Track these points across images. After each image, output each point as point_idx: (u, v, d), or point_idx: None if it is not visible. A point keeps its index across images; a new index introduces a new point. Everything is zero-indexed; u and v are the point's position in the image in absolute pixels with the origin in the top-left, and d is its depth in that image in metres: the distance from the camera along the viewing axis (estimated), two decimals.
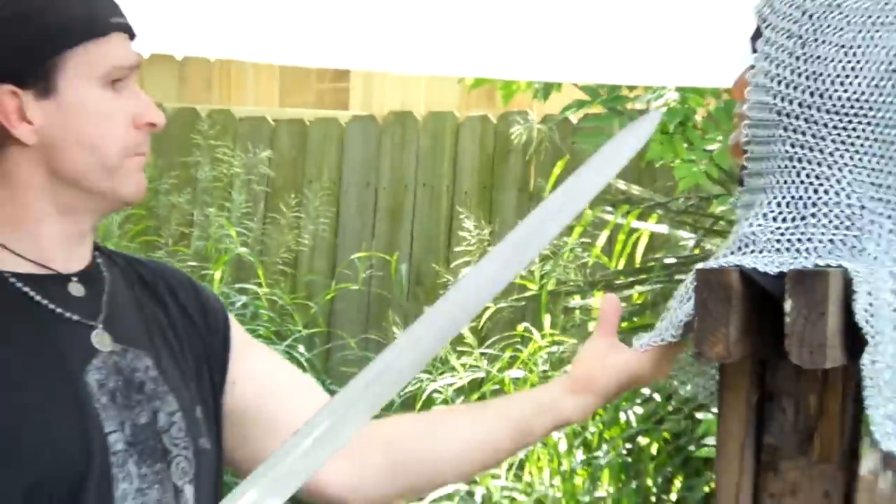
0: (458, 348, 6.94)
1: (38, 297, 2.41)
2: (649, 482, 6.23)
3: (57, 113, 2.38)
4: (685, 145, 5.53)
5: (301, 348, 7.27)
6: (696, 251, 6.41)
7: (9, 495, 2.31)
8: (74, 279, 2.44)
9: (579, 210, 2.48)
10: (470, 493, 6.44)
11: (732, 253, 2.15)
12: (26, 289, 2.41)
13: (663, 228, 6.61)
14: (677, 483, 6.15)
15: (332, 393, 6.41)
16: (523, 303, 7.09)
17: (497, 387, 6.74)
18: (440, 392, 6.77)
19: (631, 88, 5.90)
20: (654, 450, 6.23)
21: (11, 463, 2.32)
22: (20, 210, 2.41)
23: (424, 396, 6.79)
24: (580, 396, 2.50)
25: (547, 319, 6.94)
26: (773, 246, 2.12)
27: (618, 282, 6.65)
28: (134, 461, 2.39)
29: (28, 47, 2.37)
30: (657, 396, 6.28)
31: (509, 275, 2.43)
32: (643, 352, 2.37)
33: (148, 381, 2.44)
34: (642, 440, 6.27)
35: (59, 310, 2.42)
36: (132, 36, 2.46)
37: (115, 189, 2.42)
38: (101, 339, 2.43)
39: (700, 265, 2.12)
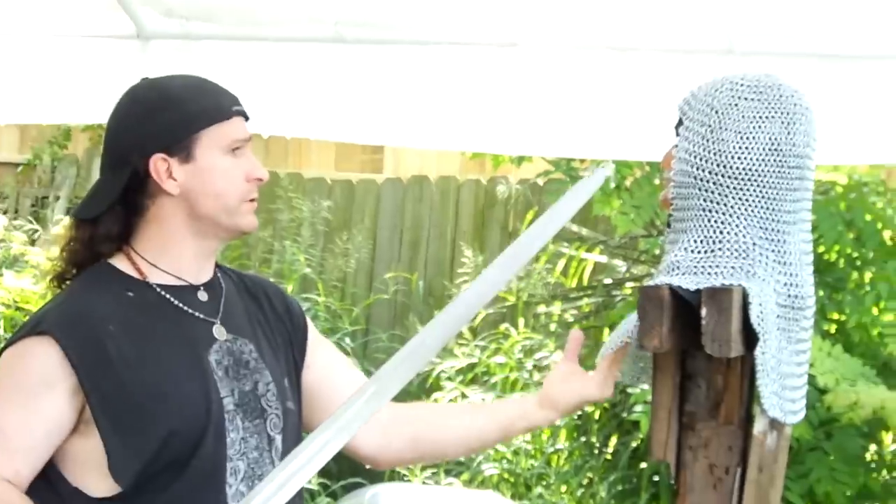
0: (459, 341, 6.92)
1: (176, 301, 2.43)
2: (594, 439, 6.20)
3: (194, 172, 2.40)
4: (619, 201, 5.52)
5: (347, 340, 7.24)
6: (627, 275, 6.39)
7: (154, 437, 2.32)
8: (202, 288, 2.47)
9: (548, 239, 2.46)
10: None
11: (663, 275, 2.14)
12: (168, 296, 2.42)
13: (604, 259, 6.60)
14: (614, 440, 6.11)
15: (368, 374, 6.42)
16: (504, 309, 7.08)
17: (485, 369, 6.72)
18: (445, 372, 6.74)
19: (581, 161, 5.90)
20: (597, 416, 6.20)
21: (156, 415, 2.33)
22: (166, 240, 2.43)
23: (434, 374, 6.77)
24: (547, 410, 2.52)
25: (521, 321, 6.92)
26: (692, 270, 2.11)
27: (572, 295, 6.63)
28: (240, 417, 2.41)
29: (175, 127, 2.39)
30: None
31: (496, 287, 2.42)
32: (603, 360, 2.37)
33: (251, 361, 2.46)
34: (589, 408, 6.23)
35: (190, 310, 2.43)
36: (247, 118, 2.50)
37: (236, 224, 2.44)
38: (219, 331, 2.45)
39: (641, 284, 2.11)
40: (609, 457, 5.99)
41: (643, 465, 5.83)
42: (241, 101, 2.48)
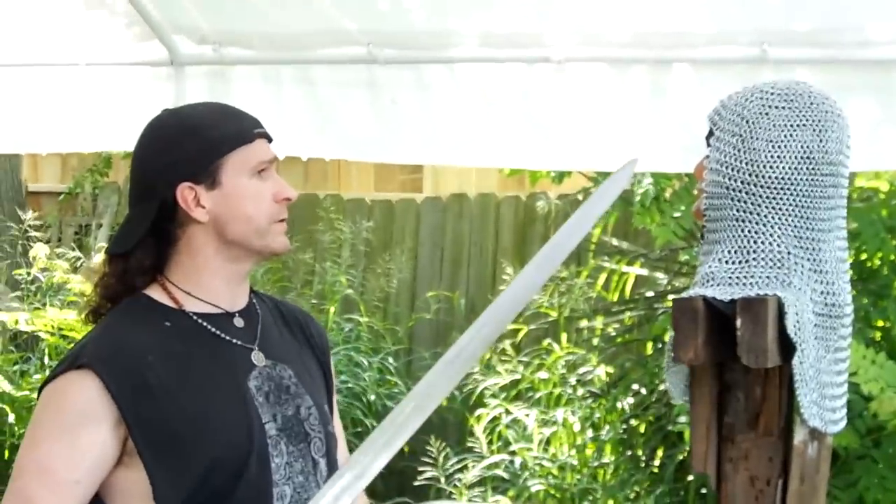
0: (501, 358, 6.91)
1: (213, 329, 2.42)
2: (640, 452, 6.17)
3: (222, 198, 2.39)
4: (659, 213, 5.50)
5: (390, 360, 7.24)
6: (668, 287, 6.36)
7: (197, 465, 2.31)
8: (237, 315, 2.46)
9: (586, 231, 2.42)
10: (512, 462, 6.39)
11: (697, 287, 2.13)
12: (205, 323, 2.41)
13: (644, 272, 6.57)
14: (660, 453, 6.08)
15: None
16: (547, 325, 7.05)
17: (529, 385, 6.70)
18: (489, 389, 6.73)
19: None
20: (642, 429, 6.17)
21: (199, 443, 2.32)
22: (199, 267, 2.42)
23: (478, 391, 6.76)
24: None
25: (564, 336, 6.90)
26: (726, 281, 2.10)
27: (613, 309, 6.60)
28: (284, 442, 2.40)
29: (199, 155, 2.38)
30: (643, 390, 6.22)
31: (532, 289, 2.40)
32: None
33: (291, 385, 2.45)
34: (634, 422, 6.21)
35: (227, 337, 2.42)
36: (270, 139, 2.48)
37: (268, 245, 2.43)
38: (257, 357, 2.44)
39: (675, 297, 2.10)
40: (655, 470, 5.95)
41: (690, 477, 5.80)
42: (262, 124, 2.47)
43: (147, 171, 2.41)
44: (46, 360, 6.43)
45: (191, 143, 2.38)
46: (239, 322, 2.45)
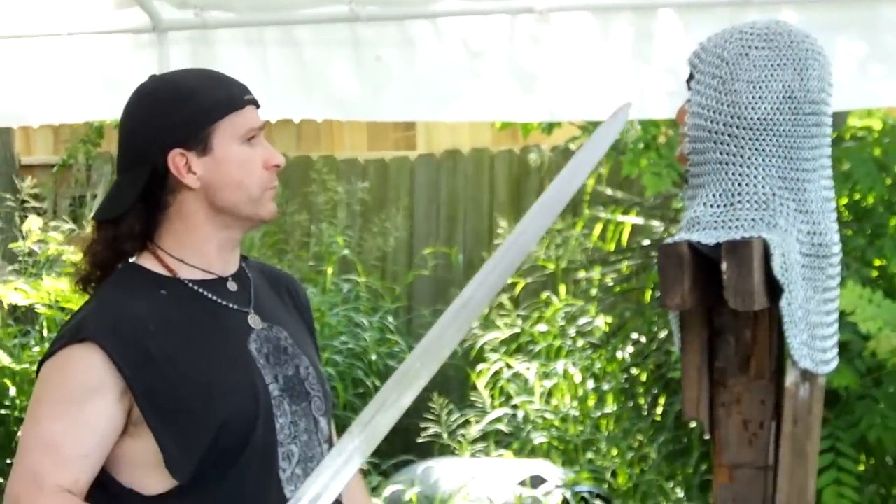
0: (500, 312, 6.91)
1: (208, 294, 2.42)
2: (641, 401, 6.18)
3: (213, 164, 2.38)
4: (649, 161, 5.47)
5: (390, 318, 7.24)
6: (664, 234, 6.35)
7: (207, 430, 2.32)
8: (230, 279, 2.45)
9: (583, 178, 2.41)
10: (514, 416, 6.40)
11: (683, 232, 2.12)
12: (200, 290, 2.42)
13: (640, 220, 6.56)
14: (661, 401, 6.09)
15: (412, 351, 6.32)
16: (544, 277, 7.05)
17: (529, 338, 6.71)
18: (489, 343, 6.74)
19: None
20: (643, 378, 6.17)
21: (207, 409, 2.33)
22: (192, 234, 2.41)
23: (478, 346, 6.76)
24: None
25: (562, 288, 6.90)
26: (711, 225, 2.09)
27: (611, 259, 6.60)
28: (287, 402, 2.41)
29: (190, 121, 2.38)
30: (643, 339, 6.22)
31: (532, 240, 2.39)
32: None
33: (288, 346, 2.45)
34: (634, 371, 6.22)
35: (223, 302, 2.43)
36: (258, 106, 2.46)
37: (257, 212, 2.42)
38: (254, 320, 2.44)
39: (661, 243, 2.09)
40: (657, 418, 5.96)
41: (692, 424, 5.81)
42: (250, 90, 2.46)
43: (137, 137, 2.40)
44: (45, 332, 6.42)
45: (182, 110, 2.37)
46: (232, 286, 2.45)
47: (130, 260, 2.43)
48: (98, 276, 2.44)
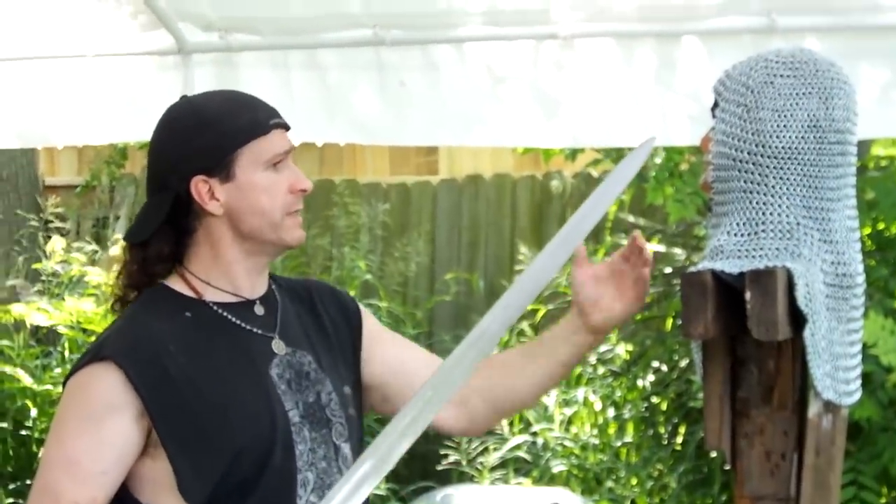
0: (520, 339, 6.89)
1: (233, 319, 2.41)
2: (661, 430, 6.15)
3: (235, 191, 2.38)
4: (673, 189, 5.46)
5: None
6: (686, 263, 6.33)
7: (222, 457, 2.31)
8: (258, 302, 2.45)
9: (605, 210, 2.39)
10: (534, 443, 6.38)
11: (707, 261, 2.10)
12: (225, 313, 2.41)
13: (662, 248, 6.53)
14: (682, 430, 6.06)
15: None
16: (565, 304, 7.02)
17: None
18: None
19: (631, 149, 5.85)
20: (664, 406, 6.14)
21: (223, 434, 2.32)
22: (218, 258, 2.41)
23: None
24: (589, 335, 2.52)
25: None
26: (735, 254, 2.08)
27: None
28: (307, 428, 2.39)
29: (212, 148, 2.37)
30: (664, 367, 6.20)
31: (552, 270, 2.35)
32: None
33: (311, 372, 2.44)
34: (655, 399, 6.18)
35: (248, 326, 2.42)
36: (287, 128, 2.45)
37: (282, 238, 2.42)
38: (277, 345, 2.43)
39: (684, 271, 2.08)
40: (678, 447, 5.93)
41: (713, 454, 5.77)
42: (279, 113, 2.44)
43: (161, 163, 2.41)
44: (67, 353, 6.43)
45: (204, 136, 2.37)
46: (259, 310, 2.44)
47: (161, 281, 2.44)
48: (133, 298, 2.46)
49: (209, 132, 2.37)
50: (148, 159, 2.45)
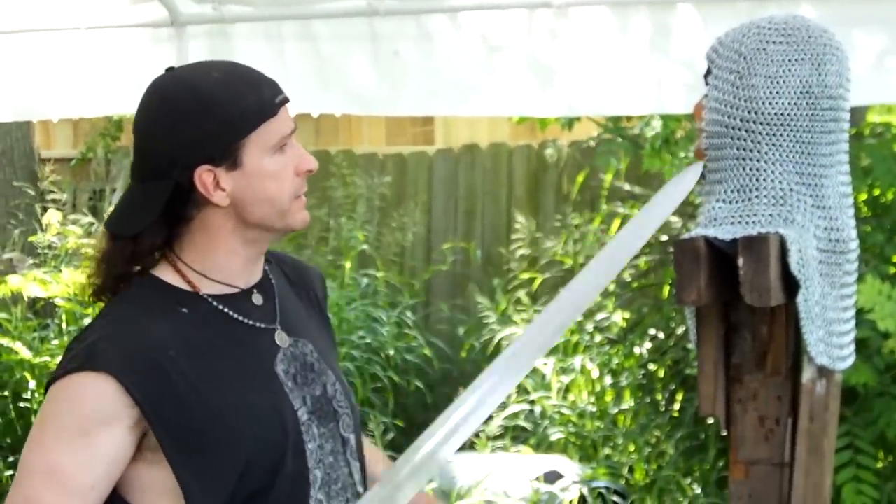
0: (518, 307, 6.90)
1: (233, 314, 2.24)
2: (659, 397, 6.17)
3: (243, 179, 2.19)
4: (670, 156, 5.47)
5: (409, 313, 7.24)
6: (683, 230, 6.33)
7: (233, 469, 2.16)
8: (255, 291, 2.28)
9: (649, 236, 2.27)
10: (532, 411, 6.40)
11: (700, 228, 2.11)
12: (222, 307, 2.24)
13: None
14: (679, 397, 6.08)
15: (431, 346, 6.31)
16: (562, 273, 7.05)
17: None
18: (506, 339, 6.73)
19: (628, 119, 5.85)
20: (660, 373, 6.16)
21: (233, 445, 2.16)
22: (216, 249, 2.23)
23: (496, 341, 6.76)
24: None
25: None
26: (728, 220, 2.08)
27: None
28: (315, 425, 2.25)
29: (216, 137, 2.17)
30: (661, 335, 6.21)
31: (606, 278, 2.22)
32: None
33: (315, 362, 2.30)
34: (652, 366, 6.20)
35: (248, 321, 2.25)
36: (288, 101, 2.26)
37: (288, 224, 2.24)
38: (280, 337, 2.28)
39: (677, 238, 2.08)
40: (675, 414, 5.95)
41: (710, 420, 5.79)
42: (279, 86, 2.24)
43: (159, 150, 2.18)
44: (64, 326, 6.44)
45: (209, 123, 2.16)
46: (257, 299, 2.27)
47: (151, 272, 2.24)
48: (116, 289, 2.24)
49: (213, 118, 2.16)
50: (137, 141, 2.22)
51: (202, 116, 2.16)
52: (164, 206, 2.18)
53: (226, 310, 2.23)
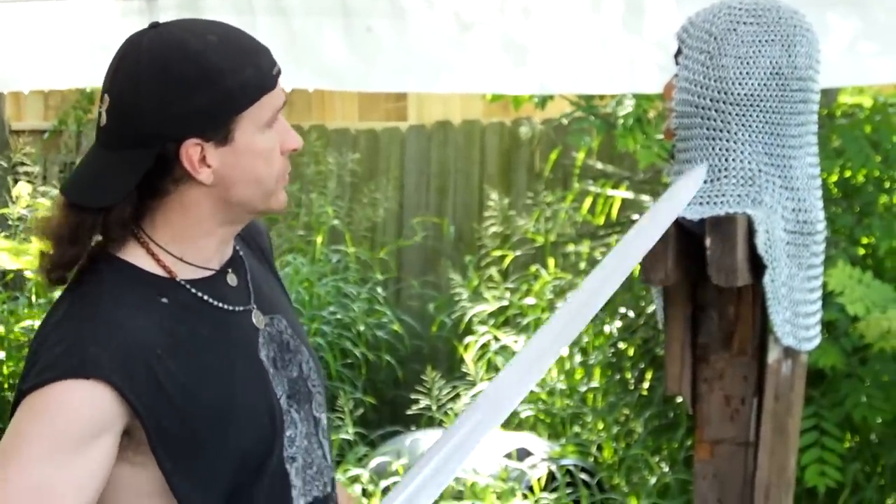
0: (489, 285, 6.91)
1: (210, 300, 2.08)
2: (628, 375, 6.18)
3: (231, 156, 2.01)
4: (643, 135, 5.47)
5: (379, 289, 7.24)
6: None
7: (225, 470, 2.04)
8: (229, 270, 2.12)
9: (661, 233, 2.15)
10: None
11: None
12: (201, 294, 2.07)
13: (630, 195, 6.55)
14: (648, 376, 6.09)
15: (401, 323, 6.31)
16: (533, 250, 7.06)
17: (517, 311, 6.71)
18: (477, 316, 6.74)
19: (601, 97, 5.86)
20: (630, 352, 6.18)
21: (227, 444, 2.03)
22: (192, 228, 2.05)
23: (467, 318, 6.77)
24: None
25: (551, 262, 6.90)
26: (696, 201, 2.09)
27: (600, 233, 6.60)
28: (294, 409, 2.14)
29: (213, 110, 1.99)
30: (631, 314, 6.22)
31: (620, 275, 2.12)
32: None
33: (290, 340, 2.17)
34: (622, 345, 6.22)
35: (226, 306, 2.09)
36: (281, 71, 2.08)
37: (269, 207, 2.07)
38: (257, 318, 2.13)
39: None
40: (644, 392, 5.97)
41: (679, 399, 5.81)
42: (272, 54, 2.05)
43: (145, 117, 1.98)
44: (34, 299, 6.41)
45: (207, 94, 1.98)
46: (232, 280, 2.12)
47: (119, 255, 2.05)
48: (72, 265, 2.04)
49: (212, 89, 1.98)
50: (115, 105, 2.00)
51: (200, 86, 1.98)
52: (142, 175, 1.99)
53: (205, 297, 2.07)
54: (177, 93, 1.97)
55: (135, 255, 2.04)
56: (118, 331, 1.97)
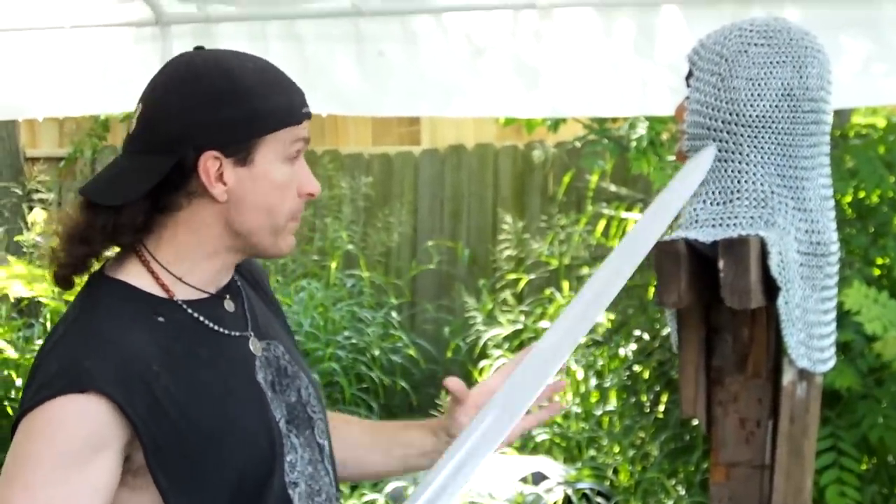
0: (504, 308, 6.90)
1: (207, 322, 2.09)
2: (644, 398, 6.17)
3: (248, 179, 2.04)
4: (656, 158, 5.48)
5: (394, 314, 7.24)
6: (668, 232, 6.33)
7: (224, 488, 2.03)
8: (227, 296, 2.13)
9: (669, 222, 2.19)
10: None
11: (681, 230, 2.11)
12: (198, 315, 2.08)
13: None
14: (664, 398, 6.08)
15: (417, 347, 6.33)
16: (548, 274, 7.05)
17: (532, 335, 6.70)
18: (492, 340, 6.73)
19: (614, 120, 5.87)
20: (645, 375, 6.16)
21: (224, 464, 2.03)
22: (197, 249, 2.07)
23: (482, 342, 6.76)
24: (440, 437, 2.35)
25: (565, 285, 6.90)
26: (709, 223, 2.08)
27: None
28: (294, 434, 2.13)
29: (237, 126, 2.02)
30: (646, 336, 6.21)
31: (631, 265, 2.13)
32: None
33: (288, 366, 2.17)
34: (637, 368, 6.20)
35: (224, 330, 2.10)
36: (311, 116, 2.12)
37: (276, 245, 2.09)
38: (254, 344, 2.13)
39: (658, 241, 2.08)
40: (660, 415, 5.95)
41: (695, 422, 5.78)
42: (306, 100, 2.10)
43: (172, 122, 2.02)
44: (49, 325, 6.43)
45: (235, 108, 2.01)
46: (229, 306, 2.13)
47: (116, 276, 2.05)
48: (81, 271, 2.07)
49: (240, 105, 2.01)
50: (146, 111, 2.05)
51: (229, 99, 2.01)
52: (161, 179, 2.00)
53: (201, 318, 2.08)
54: (205, 102, 2.02)
55: (133, 274, 2.06)
56: (113, 345, 1.98)
